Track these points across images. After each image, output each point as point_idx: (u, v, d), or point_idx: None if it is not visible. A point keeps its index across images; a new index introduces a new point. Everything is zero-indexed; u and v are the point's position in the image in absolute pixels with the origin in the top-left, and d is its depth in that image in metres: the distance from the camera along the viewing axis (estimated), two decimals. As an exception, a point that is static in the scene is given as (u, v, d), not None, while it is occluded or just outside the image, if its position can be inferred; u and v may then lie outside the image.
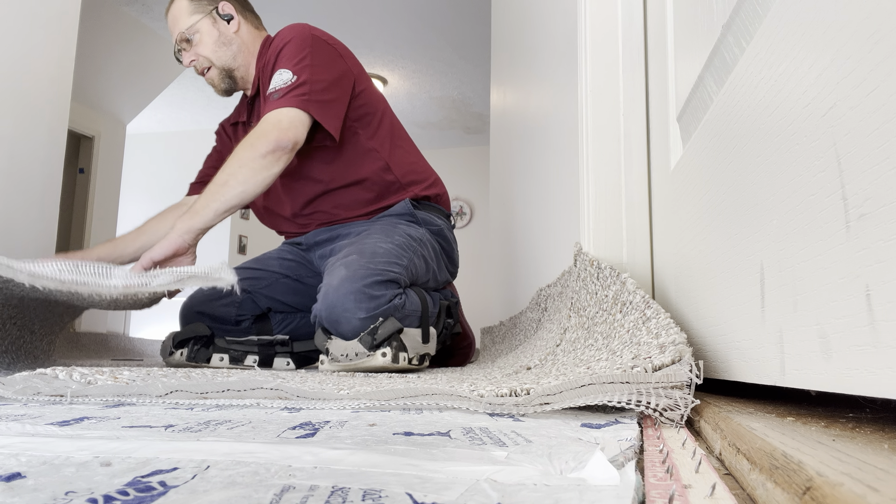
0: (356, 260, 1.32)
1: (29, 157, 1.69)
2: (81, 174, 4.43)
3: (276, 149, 1.32)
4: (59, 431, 0.41)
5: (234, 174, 1.32)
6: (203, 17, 1.56)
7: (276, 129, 1.34)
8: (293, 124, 1.36)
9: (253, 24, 1.63)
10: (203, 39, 1.56)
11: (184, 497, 0.26)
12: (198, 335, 1.49)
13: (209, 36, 1.56)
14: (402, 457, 0.33)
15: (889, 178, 0.32)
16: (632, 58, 0.98)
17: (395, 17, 4.02)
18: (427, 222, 1.56)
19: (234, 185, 1.31)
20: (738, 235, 0.56)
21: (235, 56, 1.58)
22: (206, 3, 1.57)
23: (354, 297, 1.26)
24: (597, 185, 0.97)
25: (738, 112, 0.56)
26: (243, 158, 1.32)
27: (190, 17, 1.56)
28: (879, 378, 0.33)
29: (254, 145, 1.32)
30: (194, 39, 1.56)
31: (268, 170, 1.33)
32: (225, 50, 1.57)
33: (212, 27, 1.56)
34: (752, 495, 0.31)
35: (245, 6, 1.64)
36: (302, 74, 1.41)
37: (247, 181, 1.31)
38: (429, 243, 1.52)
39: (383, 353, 1.23)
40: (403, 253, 1.40)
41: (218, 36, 1.56)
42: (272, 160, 1.33)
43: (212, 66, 1.58)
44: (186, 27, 1.55)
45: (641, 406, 0.47)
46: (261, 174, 1.32)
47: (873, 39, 0.34)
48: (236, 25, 1.58)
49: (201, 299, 1.56)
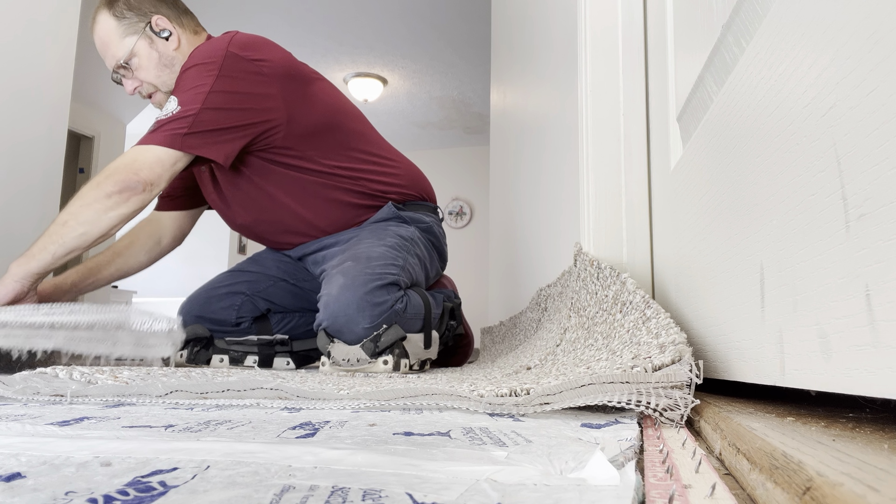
0: (352, 266, 1.30)
1: (29, 157, 1.69)
2: (81, 174, 4.43)
3: (122, 189, 1.22)
4: (59, 431, 0.41)
5: (75, 214, 1.21)
6: (138, 38, 1.39)
7: (127, 169, 1.23)
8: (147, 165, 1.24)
9: (191, 30, 1.46)
10: (142, 63, 1.41)
11: (184, 497, 0.26)
12: (197, 337, 1.49)
13: (149, 59, 1.40)
14: (402, 457, 0.33)
15: (889, 178, 0.32)
16: (632, 58, 0.99)
17: (395, 17, 4.02)
18: (415, 220, 1.54)
19: (75, 226, 1.20)
20: (738, 235, 0.56)
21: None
22: (135, 20, 1.40)
23: (357, 305, 1.25)
24: (597, 185, 0.97)
25: (737, 112, 0.56)
26: (86, 198, 1.21)
27: (122, 41, 1.39)
28: (879, 378, 0.33)
29: (100, 184, 1.22)
30: (133, 64, 1.41)
31: (113, 210, 1.21)
32: (168, 72, 1.42)
33: (150, 48, 1.40)
34: (752, 495, 0.31)
35: (178, 10, 1.47)
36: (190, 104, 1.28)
37: (89, 223, 1.21)
38: (420, 241, 1.51)
39: (385, 360, 1.23)
40: (398, 254, 1.39)
41: (158, 58, 1.41)
42: (118, 201, 1.22)
43: (157, 91, 1.45)
44: (123, 55, 1.39)
45: (641, 406, 0.47)
46: (105, 216, 1.21)
47: (873, 39, 0.34)
48: (176, 41, 1.42)
49: (200, 303, 1.55)
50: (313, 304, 1.56)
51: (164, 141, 1.27)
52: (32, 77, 1.69)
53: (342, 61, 4.60)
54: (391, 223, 1.50)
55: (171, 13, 1.44)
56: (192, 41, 1.45)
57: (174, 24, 1.43)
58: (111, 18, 1.39)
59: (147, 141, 1.27)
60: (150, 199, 1.27)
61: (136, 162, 1.24)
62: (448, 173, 6.24)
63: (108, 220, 1.22)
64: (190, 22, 1.47)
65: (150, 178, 1.25)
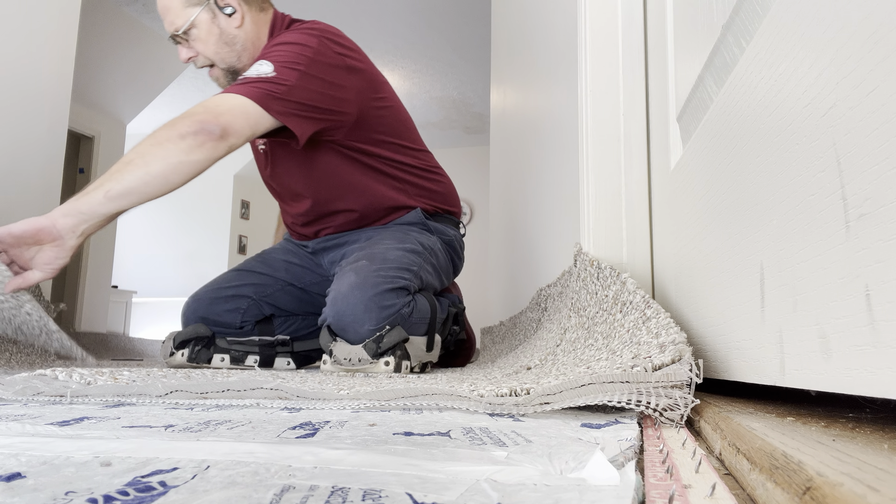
0: (366, 266, 1.29)
1: (29, 157, 1.69)
2: (81, 174, 4.43)
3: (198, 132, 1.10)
4: (59, 431, 0.41)
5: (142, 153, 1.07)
6: (201, 9, 1.35)
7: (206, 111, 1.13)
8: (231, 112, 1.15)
9: (258, 8, 1.42)
10: (202, 36, 1.36)
11: (184, 497, 0.26)
12: (198, 336, 1.48)
13: (209, 33, 1.36)
14: (402, 457, 0.33)
15: (889, 178, 0.32)
16: (632, 58, 0.99)
17: (395, 17, 4.02)
18: (439, 231, 1.54)
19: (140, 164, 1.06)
20: (737, 235, 0.56)
21: (240, 55, 1.40)
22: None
23: (364, 306, 1.24)
24: (597, 185, 0.97)
25: (737, 112, 0.56)
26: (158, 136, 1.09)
27: (184, 10, 1.35)
28: (879, 378, 0.33)
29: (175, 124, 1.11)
30: (192, 35, 1.37)
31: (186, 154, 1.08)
32: (228, 50, 1.39)
33: (211, 23, 1.36)
34: (752, 495, 0.31)
35: None
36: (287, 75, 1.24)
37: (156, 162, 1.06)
38: (439, 252, 1.50)
39: (386, 361, 1.23)
40: (414, 260, 1.37)
41: (219, 34, 1.37)
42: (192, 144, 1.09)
43: (214, 66, 1.41)
44: (182, 23, 1.35)
45: (641, 406, 0.47)
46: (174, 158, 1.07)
47: (873, 39, 0.34)
48: (239, 19, 1.37)
49: (205, 304, 1.54)
50: (318, 307, 1.56)
51: (255, 95, 1.19)
52: (32, 77, 1.69)
53: (342, 61, 4.60)
54: (414, 228, 1.50)
55: None
56: (256, 20, 1.41)
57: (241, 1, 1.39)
58: None
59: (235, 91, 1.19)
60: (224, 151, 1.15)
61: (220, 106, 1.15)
62: (448, 173, 6.22)
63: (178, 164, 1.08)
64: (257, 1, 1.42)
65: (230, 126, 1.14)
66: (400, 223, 1.51)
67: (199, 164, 1.12)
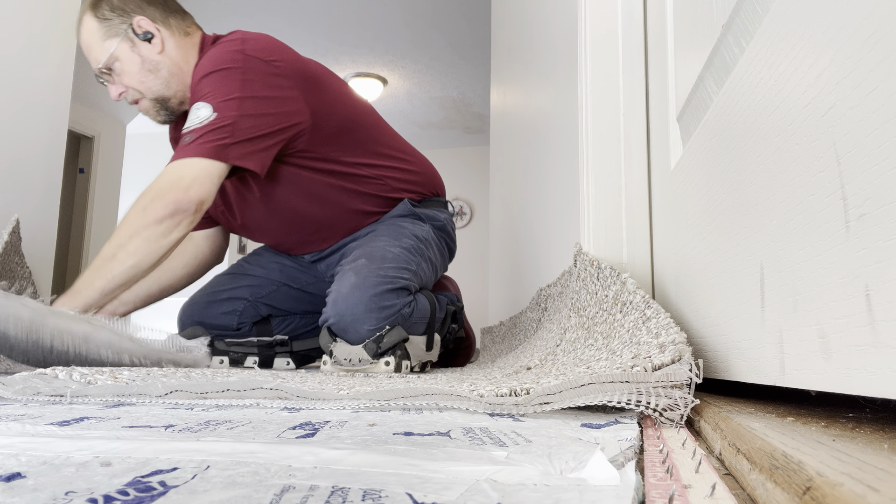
0: (366, 265, 1.29)
1: (29, 157, 1.69)
2: (81, 174, 4.43)
3: (174, 212, 1.12)
4: (59, 431, 0.41)
5: (122, 245, 1.10)
6: (119, 40, 1.30)
7: (175, 188, 1.14)
8: (198, 181, 1.16)
9: (181, 31, 1.36)
10: (125, 68, 1.31)
11: (184, 497, 0.26)
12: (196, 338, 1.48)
13: (131, 63, 1.31)
14: (402, 457, 0.33)
15: (889, 178, 0.32)
16: (632, 58, 0.99)
17: (395, 17, 4.02)
18: (430, 217, 1.53)
19: (124, 258, 1.10)
20: (737, 235, 0.56)
21: (168, 82, 1.34)
22: (117, 21, 1.30)
23: (365, 307, 1.24)
24: (597, 185, 0.97)
25: (737, 112, 0.56)
26: (134, 225, 1.11)
27: (104, 44, 1.30)
28: (879, 378, 0.33)
29: (147, 209, 1.12)
30: (116, 69, 1.32)
31: (165, 237, 1.12)
32: (153, 78, 1.33)
33: (132, 52, 1.31)
34: (752, 495, 0.31)
35: (167, 9, 1.36)
36: (225, 111, 1.20)
37: (139, 253, 1.10)
38: (433, 241, 1.50)
39: (386, 361, 1.23)
40: (412, 257, 1.37)
41: (141, 62, 1.31)
42: (169, 226, 1.12)
43: (142, 97, 1.35)
44: (104, 58, 1.30)
45: (641, 406, 0.47)
46: (155, 244, 1.11)
47: (873, 39, 0.34)
48: (160, 44, 1.32)
49: (201, 307, 1.54)
50: (316, 306, 1.56)
51: (208, 153, 1.18)
52: (32, 77, 1.69)
53: (342, 61, 4.60)
54: (407, 220, 1.49)
55: (157, 13, 1.34)
56: (180, 44, 1.36)
57: (159, 24, 1.33)
58: (93, 20, 1.31)
59: (188, 154, 1.18)
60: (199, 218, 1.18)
61: (184, 179, 1.15)
62: (448, 173, 6.21)
63: (160, 247, 1.12)
64: (179, 23, 1.37)
65: (201, 195, 1.16)
66: (391, 216, 1.50)
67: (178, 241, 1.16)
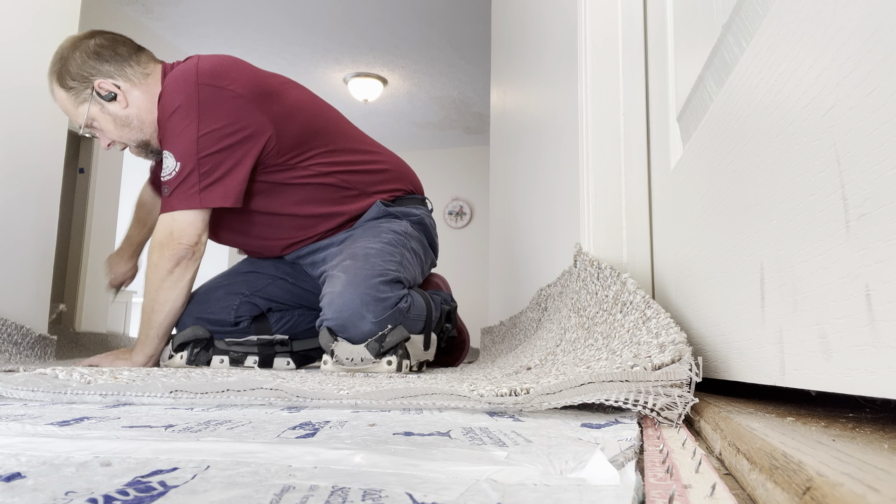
0: (353, 264, 1.31)
1: (29, 157, 1.69)
2: (81, 174, 4.43)
3: (178, 261, 1.37)
4: (59, 431, 0.41)
5: (155, 299, 1.38)
6: (89, 105, 1.40)
7: (170, 241, 1.36)
8: (184, 231, 1.36)
9: (140, 76, 1.42)
10: (102, 126, 1.43)
11: (184, 497, 0.26)
12: (197, 338, 1.48)
13: (105, 122, 1.42)
14: (402, 457, 0.33)
15: (889, 178, 0.32)
16: (632, 58, 0.98)
17: (395, 17, 4.02)
18: (405, 214, 1.54)
19: (160, 309, 1.38)
20: (737, 235, 0.56)
21: (141, 129, 1.44)
22: (81, 88, 1.39)
23: (361, 299, 1.25)
24: (597, 185, 0.97)
25: (738, 112, 0.56)
26: (154, 281, 1.37)
27: (77, 110, 1.41)
28: (879, 378, 0.33)
29: (157, 266, 1.37)
30: (95, 128, 1.43)
31: (180, 281, 1.38)
32: (128, 131, 1.43)
33: (102, 113, 1.41)
34: (752, 495, 0.31)
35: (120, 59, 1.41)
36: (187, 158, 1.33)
37: (168, 301, 1.39)
38: (413, 235, 1.52)
39: (388, 360, 1.24)
40: (395, 249, 1.40)
41: (113, 120, 1.42)
42: (180, 273, 1.38)
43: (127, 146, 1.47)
44: (82, 121, 1.41)
45: (639, 406, 0.47)
46: (176, 290, 1.39)
47: (873, 39, 0.34)
48: (123, 100, 1.40)
49: (198, 303, 1.55)
50: (313, 302, 1.56)
51: (185, 205, 1.35)
52: (32, 77, 1.69)
53: (342, 61, 4.60)
54: (383, 220, 1.51)
55: (113, 68, 1.40)
56: (143, 89, 1.42)
57: (119, 79, 1.40)
58: (61, 90, 1.41)
59: (170, 207, 1.36)
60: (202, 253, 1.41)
61: (174, 233, 1.36)
62: (448, 173, 6.24)
63: (180, 289, 1.40)
64: (136, 68, 1.42)
65: (192, 240, 1.38)
66: (366, 219, 1.52)
67: (194, 275, 1.42)
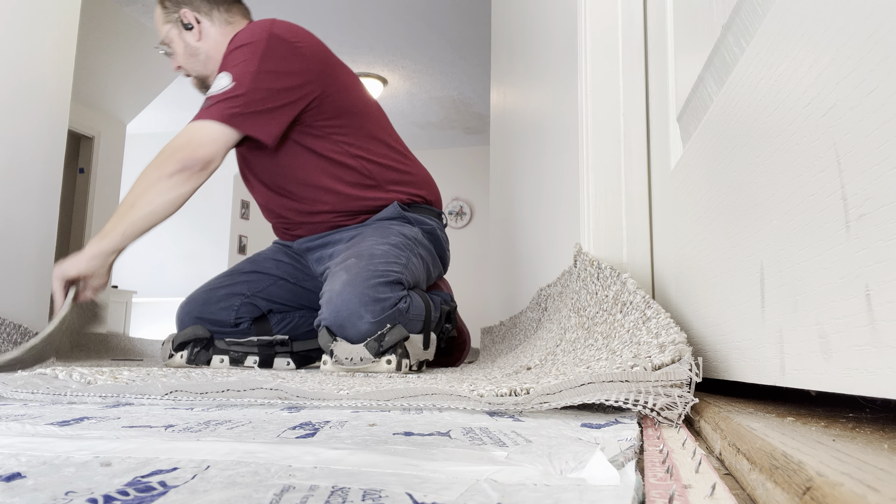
0: (355, 263, 1.31)
1: (29, 157, 1.69)
2: (81, 174, 4.43)
3: (183, 169, 1.30)
4: (59, 431, 0.41)
5: (140, 195, 1.30)
6: (171, 27, 1.53)
7: (186, 147, 1.31)
8: (207, 142, 1.32)
9: (222, 22, 1.54)
10: (174, 49, 1.55)
11: (184, 497, 0.26)
12: (197, 338, 1.48)
13: (178, 46, 1.54)
14: (402, 457, 0.33)
15: (889, 178, 0.32)
16: (632, 58, 0.98)
17: (395, 17, 4.02)
18: (419, 222, 1.55)
19: (141, 206, 1.29)
20: (737, 235, 0.56)
21: (205, 64, 1.54)
22: (172, 10, 1.53)
23: (359, 299, 1.25)
24: (597, 185, 0.97)
25: (738, 112, 0.56)
26: (149, 179, 1.30)
27: (162, 27, 1.54)
28: (879, 378, 0.33)
29: (160, 165, 1.30)
30: (169, 48, 1.56)
31: (175, 190, 1.30)
32: (193, 61, 1.54)
33: (178, 38, 1.53)
34: (752, 495, 0.31)
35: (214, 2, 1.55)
36: (241, 82, 1.35)
37: (154, 203, 1.30)
38: (422, 242, 1.52)
39: (388, 360, 1.23)
40: (401, 252, 1.40)
41: (184, 47, 1.53)
42: (180, 181, 1.30)
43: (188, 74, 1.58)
44: (162, 37, 1.55)
45: (639, 406, 0.47)
46: (168, 195, 1.30)
47: (873, 39, 0.34)
48: (198, 33, 1.52)
49: (199, 303, 1.55)
50: (313, 303, 1.56)
51: (219, 117, 1.33)
52: (32, 77, 1.69)
53: (342, 61, 4.60)
54: (395, 222, 1.51)
55: (203, 6, 1.53)
56: (221, 31, 1.53)
57: (202, 15, 1.52)
58: (159, 7, 1.54)
59: (203, 116, 1.33)
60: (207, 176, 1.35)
61: (193, 140, 1.31)
62: (448, 173, 6.24)
63: (171, 199, 1.30)
64: (223, 14, 1.54)
65: (208, 156, 1.32)
66: (379, 219, 1.52)
67: (189, 193, 1.34)
